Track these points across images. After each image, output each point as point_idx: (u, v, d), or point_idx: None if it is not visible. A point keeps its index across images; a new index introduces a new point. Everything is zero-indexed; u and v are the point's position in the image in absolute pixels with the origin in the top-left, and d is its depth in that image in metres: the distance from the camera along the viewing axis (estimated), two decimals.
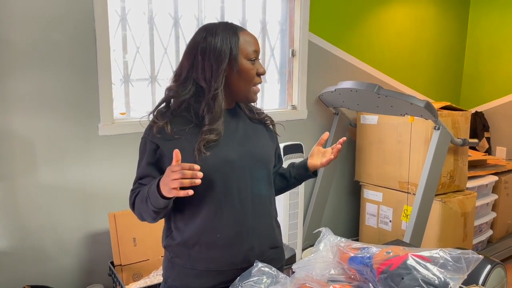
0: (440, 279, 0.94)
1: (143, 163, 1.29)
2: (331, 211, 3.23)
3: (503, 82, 3.76)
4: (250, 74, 1.27)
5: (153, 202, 1.18)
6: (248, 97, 1.31)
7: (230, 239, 1.28)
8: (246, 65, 1.26)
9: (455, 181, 2.84)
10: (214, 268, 1.29)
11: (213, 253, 1.28)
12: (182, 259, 1.30)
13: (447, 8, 3.71)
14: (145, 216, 1.27)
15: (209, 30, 1.26)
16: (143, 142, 1.31)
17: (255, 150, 1.33)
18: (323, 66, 3.04)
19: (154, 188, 1.17)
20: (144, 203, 1.22)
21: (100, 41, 2.24)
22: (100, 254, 2.35)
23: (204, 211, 1.26)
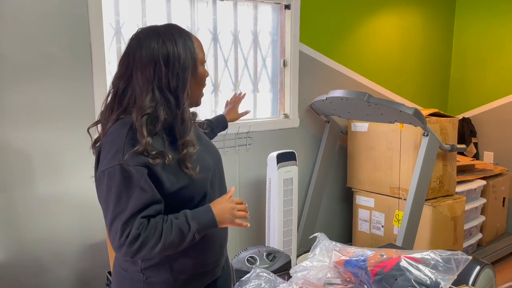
0: (432, 279, 0.98)
1: (137, 192, 1.11)
2: (324, 217, 3.28)
3: (488, 89, 3.85)
4: (204, 78, 1.27)
5: (205, 227, 1.17)
6: (198, 101, 1.30)
7: (213, 242, 1.31)
8: (202, 71, 1.24)
9: (445, 186, 2.91)
10: (199, 272, 1.30)
11: (199, 259, 1.29)
12: (163, 275, 1.24)
13: (433, 17, 3.81)
14: (168, 251, 1.15)
15: (165, 35, 1.16)
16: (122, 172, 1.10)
17: (215, 151, 1.39)
18: (314, 76, 3.11)
19: (208, 221, 1.17)
20: (180, 236, 1.14)
21: (95, 54, 2.28)
22: (98, 264, 2.37)
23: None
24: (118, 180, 1.10)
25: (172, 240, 1.12)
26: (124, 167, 1.10)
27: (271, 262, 2.24)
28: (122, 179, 1.10)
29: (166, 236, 1.11)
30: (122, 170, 1.10)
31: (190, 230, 1.14)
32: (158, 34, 1.16)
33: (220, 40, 2.78)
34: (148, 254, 1.13)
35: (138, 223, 1.09)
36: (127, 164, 1.10)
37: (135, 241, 1.09)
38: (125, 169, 1.10)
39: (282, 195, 2.59)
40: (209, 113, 2.71)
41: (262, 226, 2.81)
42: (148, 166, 1.12)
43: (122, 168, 1.10)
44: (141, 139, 1.11)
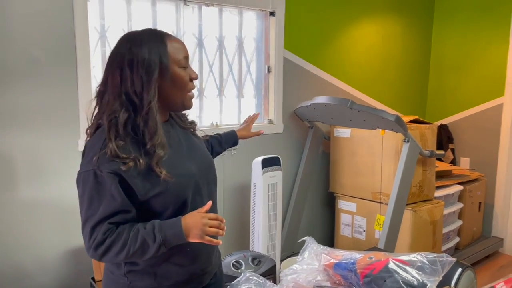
0: (419, 280, 1.02)
1: (104, 202, 1.13)
2: (307, 222, 3.32)
3: (465, 96, 3.97)
4: (184, 81, 1.23)
5: (169, 245, 1.15)
6: (185, 104, 1.27)
7: (199, 251, 1.29)
8: (179, 73, 1.22)
9: (424, 191, 2.98)
10: (183, 279, 1.29)
11: (183, 267, 1.28)
12: (146, 281, 1.25)
13: (412, 26, 3.91)
14: (133, 258, 1.16)
15: (133, 40, 1.18)
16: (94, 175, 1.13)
17: (204, 158, 1.37)
18: (298, 82, 3.15)
19: (175, 233, 1.14)
20: (143, 246, 1.13)
21: (80, 58, 2.27)
22: (81, 270, 2.34)
23: None
24: (91, 185, 1.14)
25: (136, 249, 1.13)
26: (97, 172, 1.13)
27: (256, 266, 2.25)
28: (95, 184, 1.13)
29: (130, 244, 1.13)
30: (95, 175, 1.13)
31: (155, 241, 1.13)
32: (128, 39, 1.19)
33: (205, 46, 2.80)
34: (114, 259, 1.16)
35: (105, 228, 1.13)
36: (100, 170, 1.12)
37: (100, 246, 1.13)
38: (98, 175, 1.13)
39: (267, 200, 2.61)
40: (194, 118, 2.71)
41: (247, 230, 2.82)
42: (119, 174, 1.13)
43: (95, 174, 1.13)
44: (109, 143, 1.13)
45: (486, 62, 3.80)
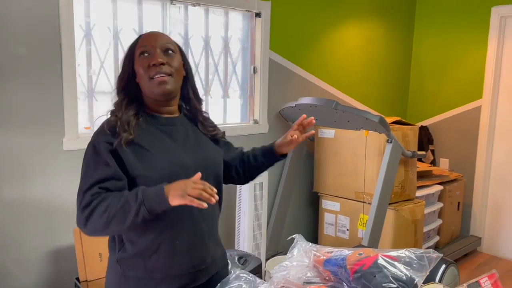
0: (407, 275, 1.05)
1: (101, 166, 1.20)
2: (291, 222, 3.35)
3: (444, 99, 4.07)
4: (143, 67, 1.26)
5: (149, 205, 1.13)
6: (153, 90, 1.26)
7: (189, 244, 1.30)
8: (137, 61, 1.27)
9: (406, 191, 3.05)
10: (174, 273, 1.29)
11: (173, 260, 1.28)
12: (138, 270, 1.27)
13: (394, 30, 3.99)
14: (115, 223, 1.15)
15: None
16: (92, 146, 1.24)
17: (207, 156, 1.37)
18: (283, 83, 3.18)
19: (156, 192, 1.13)
20: (127, 207, 1.14)
21: (66, 56, 2.24)
22: (65, 270, 2.31)
23: (162, 220, 1.24)
24: (89, 155, 1.24)
25: (118, 209, 1.14)
26: (95, 144, 1.23)
27: (242, 265, 2.27)
28: (92, 154, 1.23)
29: (113, 204, 1.15)
30: (93, 147, 1.24)
31: (137, 200, 1.13)
32: None
33: (191, 45, 2.80)
34: (97, 224, 1.16)
35: (94, 191, 1.18)
36: (97, 142, 1.23)
37: (86, 207, 1.17)
38: (95, 146, 1.23)
39: (252, 199, 2.63)
40: None
41: (232, 230, 2.83)
42: (112, 144, 1.22)
43: (94, 145, 1.24)
44: (107, 121, 1.28)
45: (465, 66, 3.90)
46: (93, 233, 1.21)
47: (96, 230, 1.19)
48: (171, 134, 1.32)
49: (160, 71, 1.25)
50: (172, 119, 1.34)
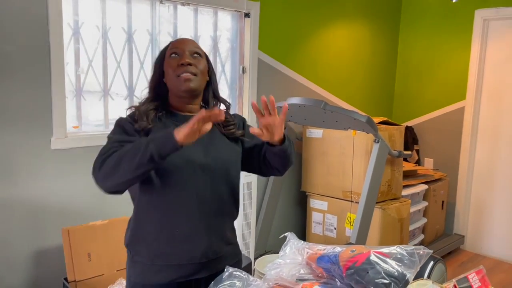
0: (399, 271, 1.08)
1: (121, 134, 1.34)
2: (279, 221, 3.37)
3: (429, 100, 4.15)
4: (171, 67, 1.38)
5: (158, 146, 1.19)
6: (179, 87, 1.37)
7: (188, 235, 1.36)
8: (167, 60, 1.41)
9: (392, 190, 3.10)
10: (174, 262, 1.37)
11: (173, 248, 1.36)
12: (143, 256, 1.38)
13: (380, 31, 4.05)
14: (126, 164, 1.20)
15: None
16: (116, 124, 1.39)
17: (217, 155, 1.40)
18: (271, 83, 3.20)
19: (164, 132, 1.22)
20: (136, 150, 1.20)
21: (54, 54, 2.22)
22: (53, 270, 2.29)
23: (163, 207, 1.34)
24: (114, 129, 1.37)
25: (130, 148, 1.22)
26: (120, 121, 1.38)
27: None
28: (116, 128, 1.37)
29: (123, 149, 1.24)
30: (118, 123, 1.38)
31: (147, 139, 1.22)
32: None
33: None
34: (110, 163, 1.22)
35: (114, 145, 1.28)
36: (121, 121, 1.38)
37: (103, 154, 1.26)
38: (120, 122, 1.37)
39: (242, 198, 2.64)
40: None
41: None
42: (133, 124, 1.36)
43: (118, 122, 1.38)
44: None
45: (449, 67, 3.98)
46: (104, 177, 1.24)
47: (107, 172, 1.22)
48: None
49: (187, 70, 1.36)
50: (189, 117, 1.37)
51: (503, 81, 3.70)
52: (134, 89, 2.66)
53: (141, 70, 2.68)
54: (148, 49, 2.69)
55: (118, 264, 2.34)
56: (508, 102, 3.68)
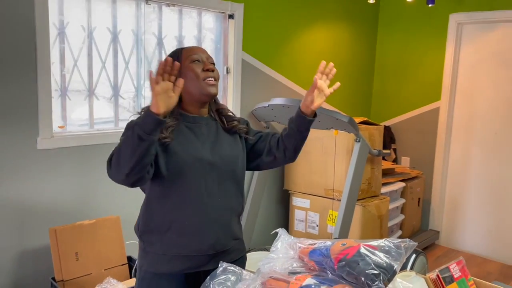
0: (387, 262, 1.15)
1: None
2: (263, 219, 3.43)
3: (405, 100, 4.28)
4: (194, 71, 1.44)
5: (142, 126, 1.24)
6: (204, 91, 1.45)
7: (197, 228, 1.44)
8: (190, 65, 1.45)
9: (372, 187, 3.20)
10: (184, 253, 1.45)
11: (183, 240, 1.44)
12: (155, 246, 1.46)
13: (358, 33, 4.15)
14: (124, 156, 1.27)
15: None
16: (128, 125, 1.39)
17: (225, 154, 1.50)
18: (255, 83, 3.26)
19: (143, 113, 1.28)
20: (128, 138, 1.26)
21: (40, 54, 2.22)
22: (40, 270, 2.29)
23: (175, 200, 1.43)
24: (125, 131, 1.35)
25: (122, 141, 1.29)
26: (129, 124, 1.36)
27: None
28: (126, 130, 1.34)
29: (120, 142, 1.31)
30: (127, 126, 1.35)
31: (133, 125, 1.28)
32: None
33: (165, 45, 2.82)
34: (115, 159, 1.30)
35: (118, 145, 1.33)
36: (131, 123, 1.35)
37: (112, 154, 1.32)
38: (129, 125, 1.35)
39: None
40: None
41: None
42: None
43: (128, 125, 1.36)
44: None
45: (424, 69, 4.12)
46: (116, 173, 1.31)
47: (115, 167, 1.30)
48: (194, 130, 1.48)
49: (212, 76, 1.46)
50: (198, 118, 1.50)
51: (476, 83, 3.86)
52: (119, 89, 2.67)
53: (126, 70, 2.70)
54: (133, 49, 2.70)
55: (106, 263, 2.35)
56: (480, 103, 3.84)
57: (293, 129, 1.52)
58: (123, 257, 2.42)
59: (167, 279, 1.48)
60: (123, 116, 2.70)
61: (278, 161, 1.60)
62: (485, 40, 3.77)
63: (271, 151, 1.57)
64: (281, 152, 1.56)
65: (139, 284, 1.53)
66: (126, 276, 2.40)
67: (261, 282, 1.29)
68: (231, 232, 1.53)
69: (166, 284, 1.47)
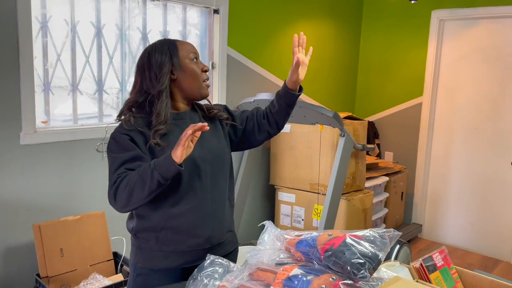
0: (372, 252, 1.17)
1: (122, 153, 1.39)
2: (248, 214, 3.44)
3: (388, 96, 4.34)
4: (195, 71, 1.47)
5: (162, 171, 1.29)
6: (201, 92, 1.49)
7: (193, 224, 1.46)
8: (190, 64, 1.46)
9: (356, 182, 3.24)
10: (180, 249, 1.47)
11: (179, 236, 1.45)
12: (150, 243, 1.46)
13: (343, 30, 4.19)
14: (136, 195, 1.32)
15: (150, 50, 1.48)
16: (113, 138, 1.42)
17: (213, 147, 1.52)
18: (240, 78, 3.26)
19: (164, 157, 1.30)
20: (144, 178, 1.30)
21: (23, 48, 2.19)
22: (24, 267, 2.26)
23: (169, 199, 1.43)
24: (112, 146, 1.41)
25: (137, 178, 1.32)
26: (115, 136, 1.42)
27: None
28: (114, 144, 1.41)
29: (133, 176, 1.33)
30: (114, 139, 1.42)
31: (150, 167, 1.31)
32: (147, 49, 1.48)
33: (149, 40, 2.81)
34: (123, 195, 1.34)
35: (120, 171, 1.37)
36: (116, 134, 1.41)
37: (114, 184, 1.36)
38: (115, 138, 1.41)
39: None
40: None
41: None
42: (130, 135, 1.40)
43: (114, 138, 1.42)
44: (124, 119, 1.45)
45: (407, 65, 4.18)
46: (122, 207, 1.37)
47: (123, 203, 1.35)
48: (181, 127, 1.46)
49: (208, 78, 1.51)
50: (182, 114, 1.50)
51: (457, 79, 3.93)
52: (103, 84, 2.65)
53: (110, 65, 2.67)
54: (117, 44, 2.68)
55: (91, 259, 2.34)
56: (462, 99, 3.92)
57: (282, 105, 1.58)
58: (109, 253, 2.41)
59: (164, 274, 1.48)
60: (107, 111, 2.68)
61: (270, 135, 1.67)
62: (467, 37, 3.84)
63: (262, 128, 1.62)
64: (274, 126, 1.63)
65: (134, 280, 1.52)
66: (112, 272, 2.39)
67: (249, 273, 1.30)
68: (225, 224, 1.55)
69: (163, 279, 1.47)
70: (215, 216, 1.51)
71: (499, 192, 3.77)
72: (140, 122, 1.43)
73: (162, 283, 1.45)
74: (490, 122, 3.77)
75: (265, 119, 1.62)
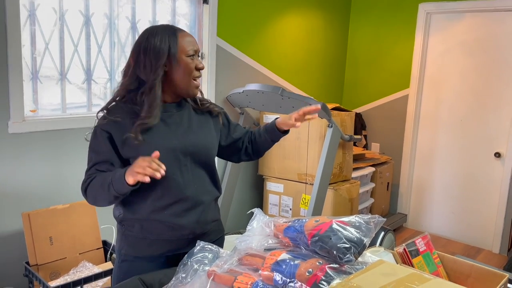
0: (358, 237, 1.21)
1: (95, 153, 1.43)
2: (237, 204, 3.48)
3: (375, 88, 4.39)
4: (189, 68, 1.44)
5: (116, 188, 1.32)
6: (189, 90, 1.47)
7: (177, 215, 1.48)
8: (185, 60, 1.43)
9: (343, 172, 3.29)
10: (165, 238, 1.49)
11: (163, 227, 1.48)
12: (135, 230, 1.49)
13: (331, 21, 4.22)
14: (100, 200, 1.40)
15: (151, 32, 1.44)
16: (94, 132, 1.44)
17: (197, 140, 1.51)
18: (229, 69, 3.28)
19: (119, 176, 1.30)
20: (104, 188, 1.35)
21: (11, 36, 2.17)
22: (14, 255, 2.27)
23: (152, 193, 1.45)
24: (92, 140, 1.45)
25: (99, 188, 1.38)
26: (96, 130, 1.44)
27: None
28: (94, 139, 1.44)
29: (96, 184, 1.39)
30: (95, 133, 1.44)
31: (108, 182, 1.35)
32: (147, 30, 1.45)
33: (138, 29, 2.80)
34: (90, 198, 1.42)
35: (91, 172, 1.43)
36: (98, 128, 1.43)
37: (83, 184, 1.43)
38: (97, 132, 1.44)
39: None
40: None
41: None
42: (109, 132, 1.41)
43: (95, 131, 1.45)
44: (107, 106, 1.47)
45: (394, 57, 4.23)
46: (92, 204, 1.46)
47: (92, 202, 1.44)
48: (165, 121, 1.47)
49: (200, 76, 1.49)
50: (168, 106, 1.49)
51: (443, 71, 3.99)
52: (92, 73, 2.64)
53: (99, 54, 2.67)
54: (106, 33, 2.67)
55: (80, 248, 2.35)
56: (447, 91, 3.99)
57: (268, 139, 1.65)
58: (98, 241, 2.43)
59: (148, 261, 1.50)
60: (96, 101, 2.68)
61: (251, 159, 1.75)
62: (453, 30, 3.90)
63: (247, 151, 1.69)
64: (255, 154, 1.71)
65: (119, 266, 1.54)
66: (101, 260, 2.41)
67: (238, 258, 1.33)
68: (210, 215, 1.57)
69: (147, 266, 1.49)
70: (199, 208, 1.52)
71: (482, 182, 3.86)
72: (124, 111, 1.44)
73: (147, 269, 1.45)
74: (474, 114, 3.85)
75: (250, 143, 1.69)
